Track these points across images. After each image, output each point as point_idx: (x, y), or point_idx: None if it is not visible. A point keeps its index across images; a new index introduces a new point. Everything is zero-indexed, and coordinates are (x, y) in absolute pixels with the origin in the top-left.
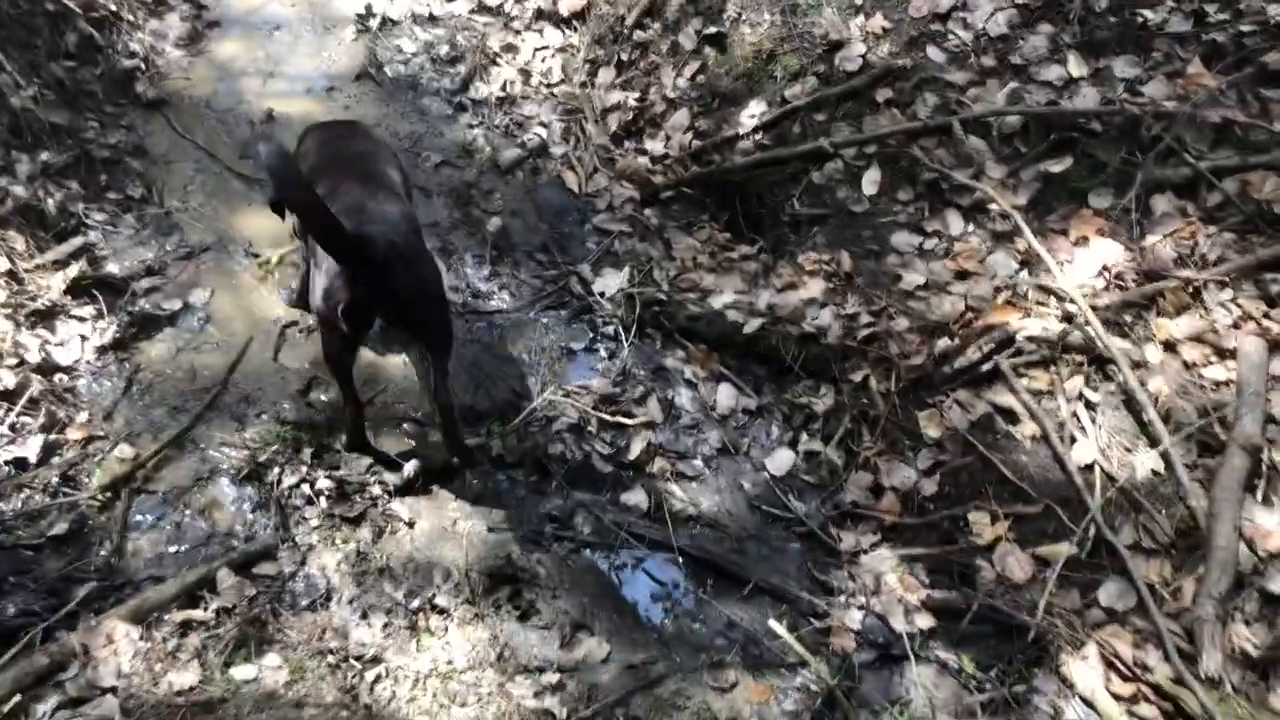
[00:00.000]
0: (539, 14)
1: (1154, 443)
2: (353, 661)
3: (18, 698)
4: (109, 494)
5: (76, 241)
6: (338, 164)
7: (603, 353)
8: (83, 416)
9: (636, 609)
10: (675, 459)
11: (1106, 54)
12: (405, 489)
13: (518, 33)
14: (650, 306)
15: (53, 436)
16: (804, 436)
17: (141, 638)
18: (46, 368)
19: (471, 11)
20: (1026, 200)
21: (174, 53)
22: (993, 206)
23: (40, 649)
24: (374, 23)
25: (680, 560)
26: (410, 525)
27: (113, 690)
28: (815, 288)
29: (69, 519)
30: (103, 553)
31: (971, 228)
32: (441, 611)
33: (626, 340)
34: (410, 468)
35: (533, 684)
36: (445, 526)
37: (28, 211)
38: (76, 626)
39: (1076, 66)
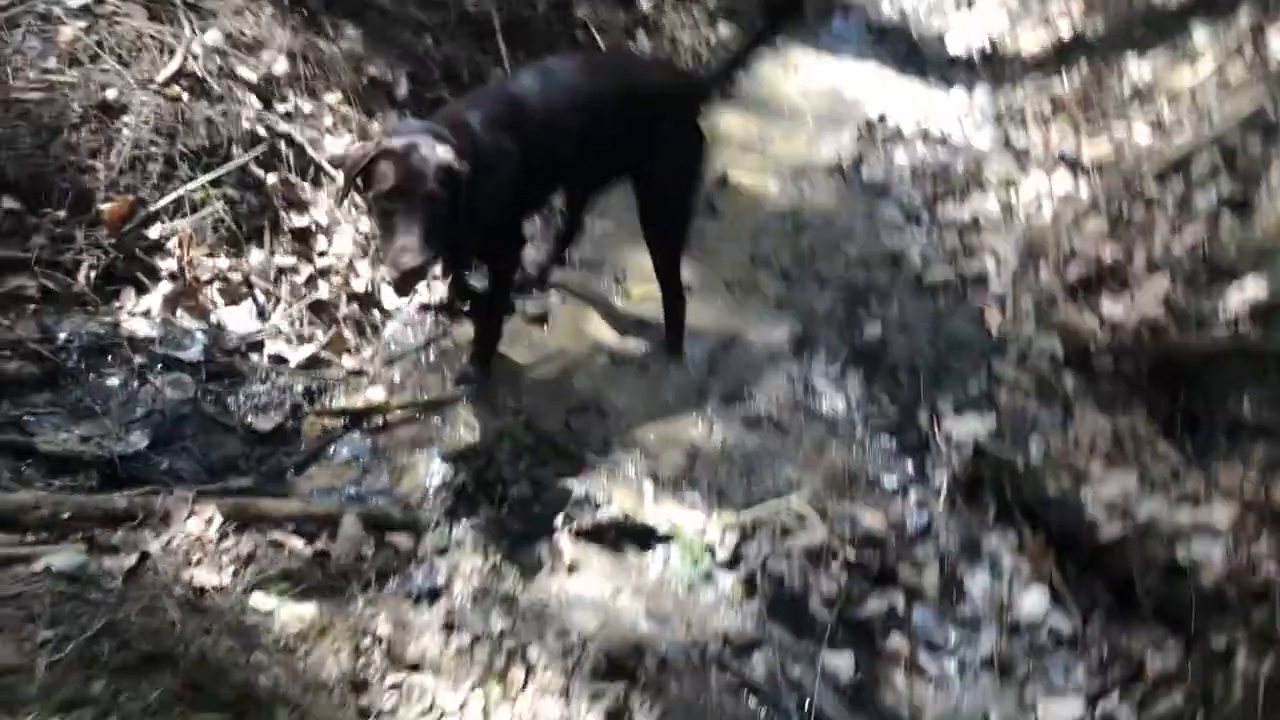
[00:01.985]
0: (1060, 158)
1: None
2: (385, 657)
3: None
4: (335, 419)
5: None
6: None
7: (912, 500)
8: (367, 352)
9: None
10: (922, 647)
11: None
12: (590, 534)
13: (1027, 173)
14: (999, 470)
15: (326, 354)
16: (1113, 695)
17: (217, 530)
18: (370, 302)
19: (993, 147)
20: None
21: None
22: None
23: (124, 494)
24: (880, 132)
25: None
26: (569, 570)
27: (144, 555)
28: (1221, 513)
29: (281, 422)
30: (287, 461)
31: None
32: (529, 667)
33: (945, 493)
34: (605, 515)
35: None
36: (603, 590)
37: None
38: None
39: None
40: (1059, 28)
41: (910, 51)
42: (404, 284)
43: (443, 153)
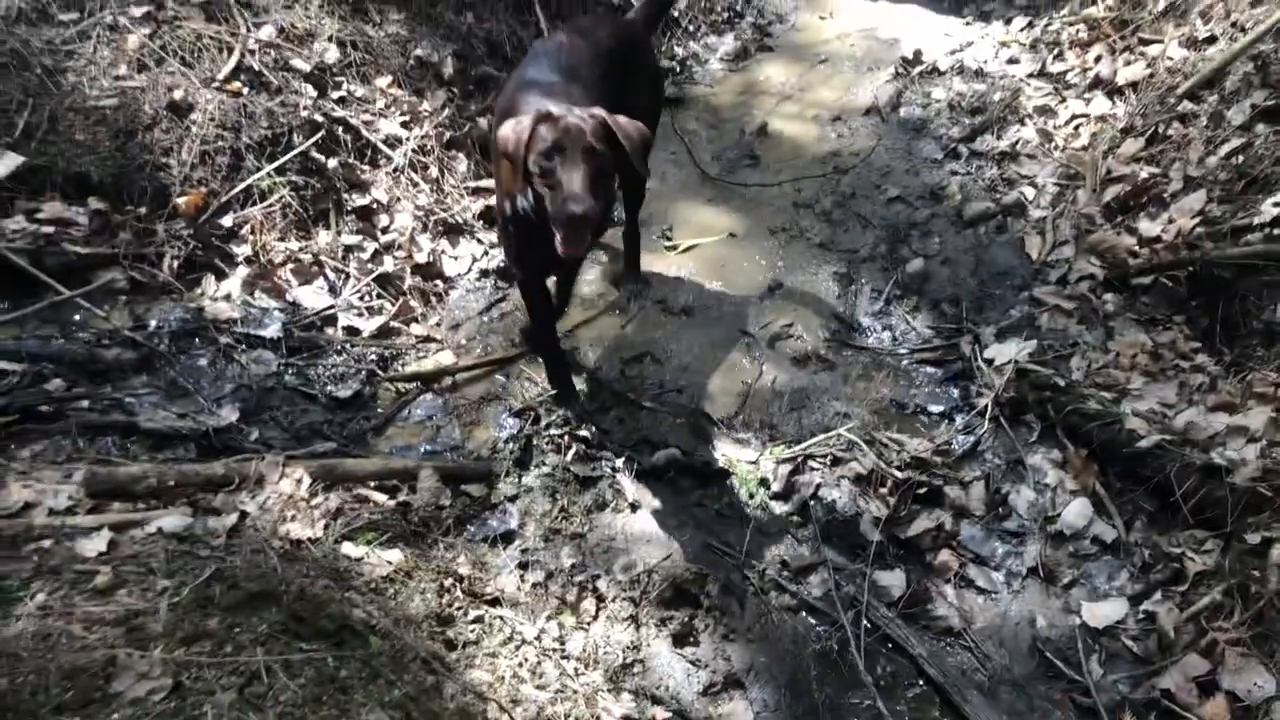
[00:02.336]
0: (1096, 81)
1: None
2: (466, 595)
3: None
4: (407, 383)
5: None
6: None
7: (958, 424)
8: (434, 319)
9: (815, 698)
10: (970, 560)
11: None
12: (650, 473)
13: (1064, 99)
14: (1042, 390)
15: (395, 324)
16: (1157, 595)
17: (307, 489)
18: (432, 272)
19: (1030, 75)
20: None
21: (715, 65)
22: None
23: (221, 461)
24: (916, 70)
25: (908, 672)
26: (632, 509)
27: (243, 514)
28: (1257, 416)
29: (358, 389)
30: (366, 425)
31: None
32: (599, 598)
33: (989, 415)
34: (664, 455)
35: (636, 708)
36: (665, 524)
37: (482, 143)
38: None
39: None
40: None
41: None
42: (573, 234)
43: (596, 111)
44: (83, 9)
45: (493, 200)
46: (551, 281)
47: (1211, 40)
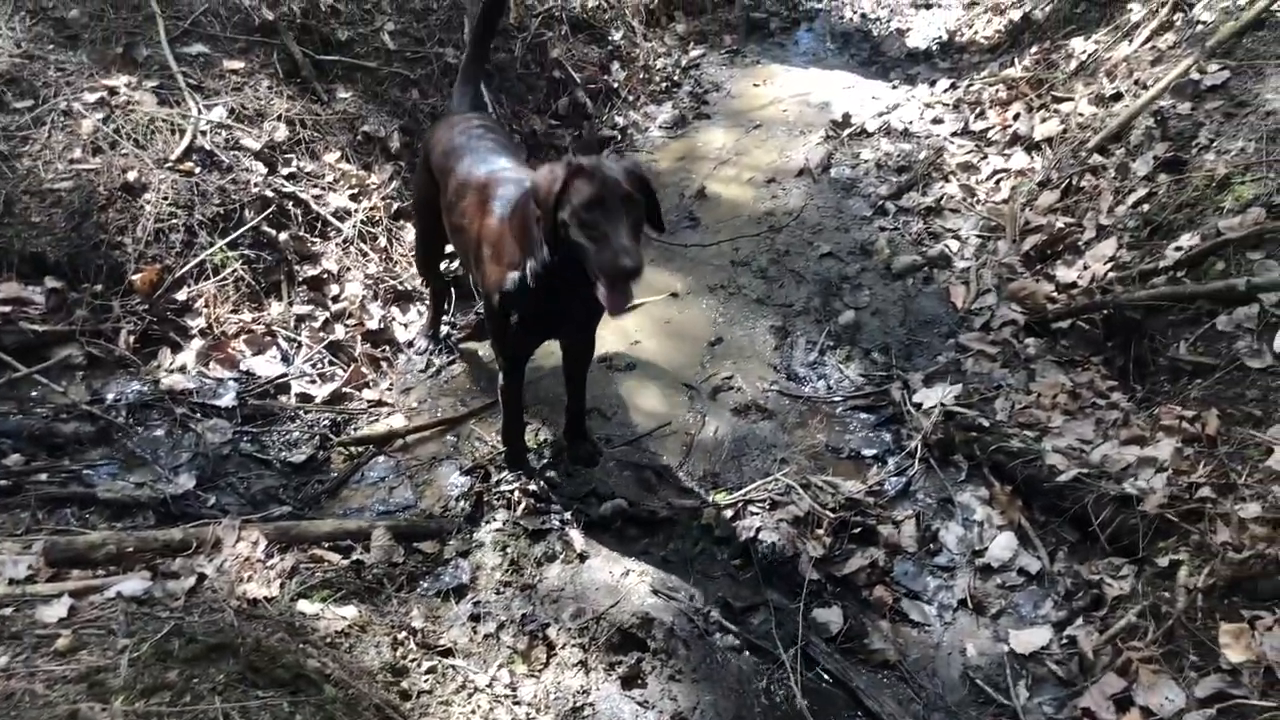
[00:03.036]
0: (1015, 138)
1: None
2: (419, 646)
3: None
4: (360, 446)
5: None
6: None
7: (890, 467)
8: (385, 384)
9: None
10: (904, 595)
11: None
12: (598, 524)
13: (985, 155)
14: (968, 431)
15: (347, 389)
16: (1079, 620)
17: (263, 551)
18: (383, 338)
19: (953, 134)
20: None
21: (655, 133)
22: None
23: (181, 527)
24: (846, 131)
25: (847, 704)
26: (581, 559)
27: (201, 577)
28: (1164, 448)
29: (312, 454)
30: (320, 488)
31: None
32: (550, 645)
33: (919, 456)
34: (611, 506)
35: None
36: (613, 572)
37: None
38: None
39: None
40: (1010, 14)
41: (873, 53)
42: (622, 288)
43: (626, 163)
44: (37, 96)
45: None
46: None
47: (1118, 97)
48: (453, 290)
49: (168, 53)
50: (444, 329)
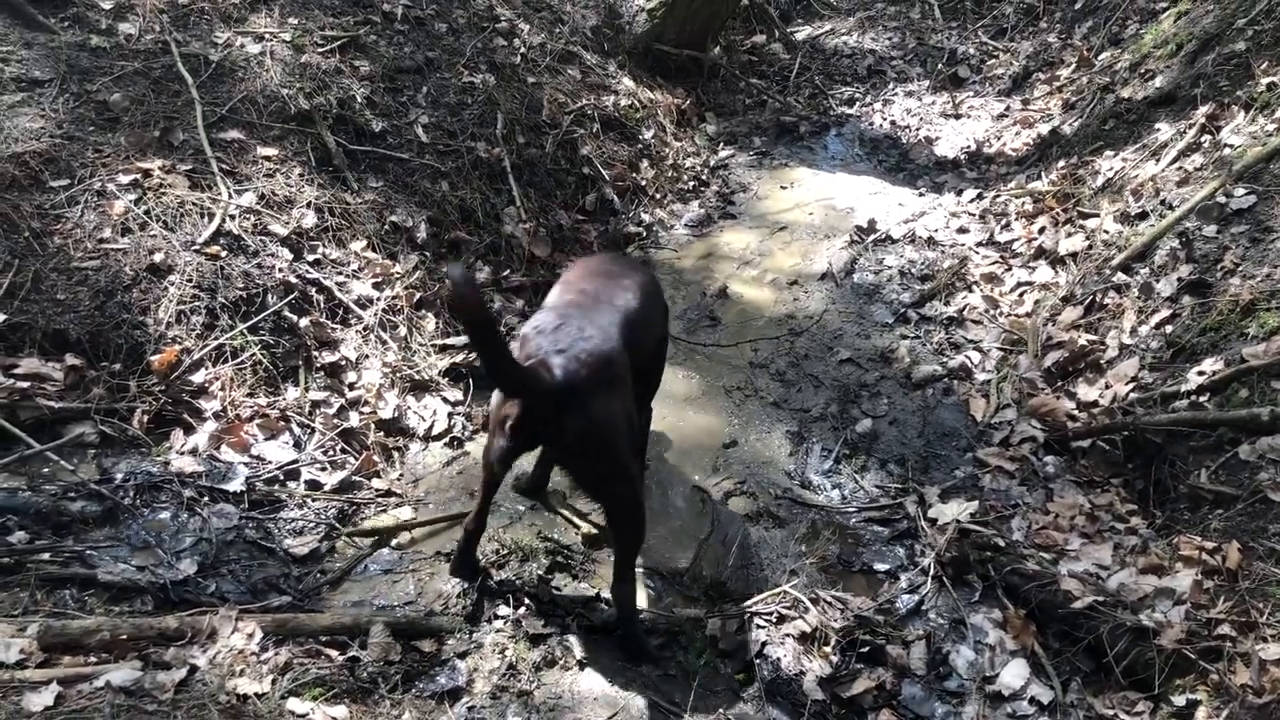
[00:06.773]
0: (1040, 251)
1: None
2: None
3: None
4: (365, 538)
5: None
6: (582, 289)
7: (902, 583)
8: (394, 474)
9: None
10: None
11: None
12: (599, 630)
13: (1009, 267)
14: (983, 550)
15: (357, 478)
16: None
17: (258, 644)
18: (396, 427)
19: (978, 244)
20: None
21: (680, 231)
22: None
23: (175, 615)
24: (870, 237)
25: None
26: (580, 666)
27: (193, 669)
28: (1183, 579)
29: (316, 544)
30: (322, 579)
31: None
32: None
33: (932, 574)
34: (613, 613)
35: None
36: (613, 681)
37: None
38: None
39: None
40: (1039, 128)
41: (901, 160)
42: None
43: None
44: (73, 176)
45: (458, 358)
46: None
47: (1143, 216)
48: (470, 380)
49: (203, 137)
50: (458, 420)
